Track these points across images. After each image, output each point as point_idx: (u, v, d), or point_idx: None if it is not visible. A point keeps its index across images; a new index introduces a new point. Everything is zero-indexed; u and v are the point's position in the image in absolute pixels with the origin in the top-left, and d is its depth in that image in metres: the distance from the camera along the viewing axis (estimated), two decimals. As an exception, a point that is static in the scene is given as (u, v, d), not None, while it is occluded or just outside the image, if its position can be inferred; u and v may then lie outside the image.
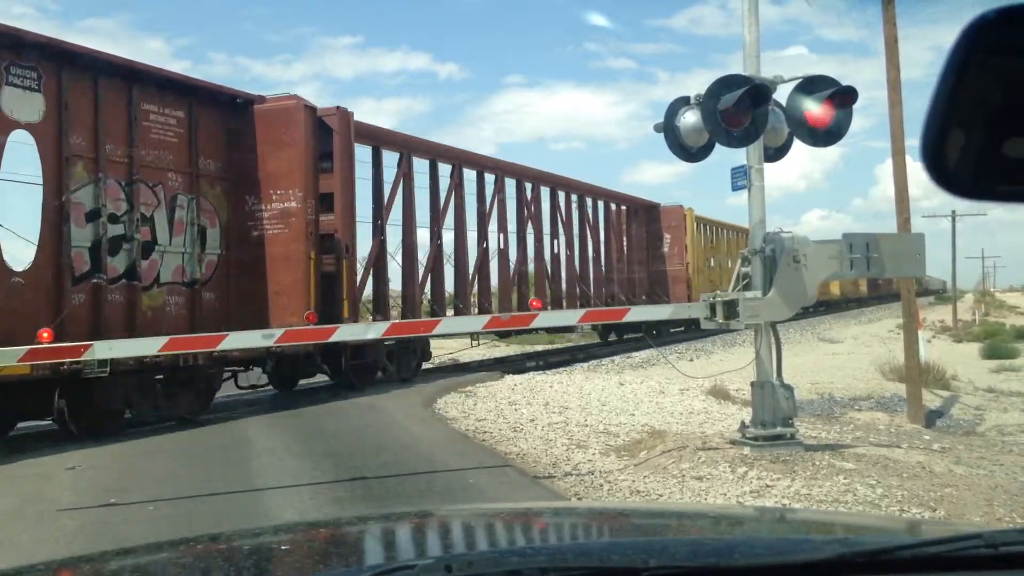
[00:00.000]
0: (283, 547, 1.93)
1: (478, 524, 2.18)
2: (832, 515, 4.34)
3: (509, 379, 15.23)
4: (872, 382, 13.55)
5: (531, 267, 21.03)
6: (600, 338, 26.48)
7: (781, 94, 7.36)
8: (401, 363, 15.17)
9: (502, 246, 19.24)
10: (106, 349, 7.46)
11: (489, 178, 18.90)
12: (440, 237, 17.03)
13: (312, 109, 12.70)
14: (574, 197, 23.11)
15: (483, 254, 18.58)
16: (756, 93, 6.83)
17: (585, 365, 18.92)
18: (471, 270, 17.88)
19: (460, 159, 17.86)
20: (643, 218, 27.00)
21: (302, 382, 14.68)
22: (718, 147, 7.35)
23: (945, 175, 1.14)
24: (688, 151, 7.55)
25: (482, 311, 17.93)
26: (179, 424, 10.76)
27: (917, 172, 11.64)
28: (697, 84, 7.26)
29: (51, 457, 8.78)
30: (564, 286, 21.91)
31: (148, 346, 8.69)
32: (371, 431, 10.09)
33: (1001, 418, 11.23)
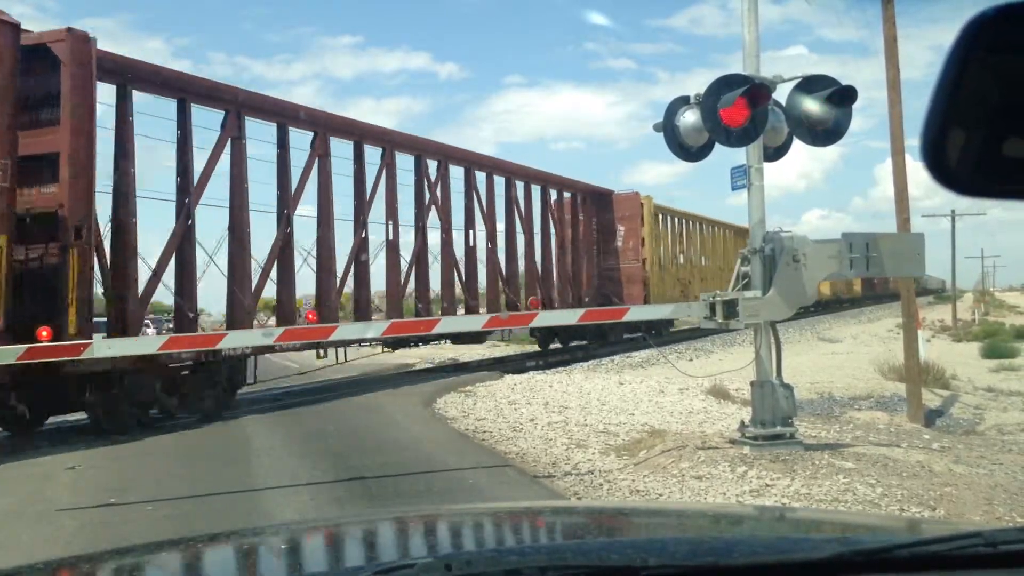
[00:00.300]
0: (282, 547, 1.93)
1: (478, 523, 2.18)
2: (831, 514, 4.34)
3: (509, 379, 15.24)
4: (872, 381, 13.55)
5: (460, 262, 17.96)
6: (540, 346, 22.69)
7: (781, 94, 7.37)
8: (200, 395, 11.41)
9: (391, 237, 15.88)
10: (105, 348, 7.46)
11: (373, 153, 15.44)
12: (330, 227, 14.19)
13: (14, 27, 9.04)
14: (499, 179, 19.42)
15: (360, 244, 15.25)
16: (755, 93, 6.83)
17: (585, 365, 18.92)
18: (339, 269, 14.70)
19: (324, 126, 14.25)
20: (592, 208, 23.62)
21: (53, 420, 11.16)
22: (718, 147, 7.35)
23: (945, 173, 1.14)
24: (688, 151, 7.55)
25: (362, 318, 14.87)
26: (177, 427, 10.76)
27: (917, 172, 11.66)
28: (697, 84, 7.27)
29: (51, 457, 8.79)
30: (483, 285, 18.98)
31: (147, 345, 8.70)
32: (371, 431, 10.09)
33: (1001, 417, 11.23)
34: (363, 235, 15.21)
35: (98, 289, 10.55)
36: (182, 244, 11.61)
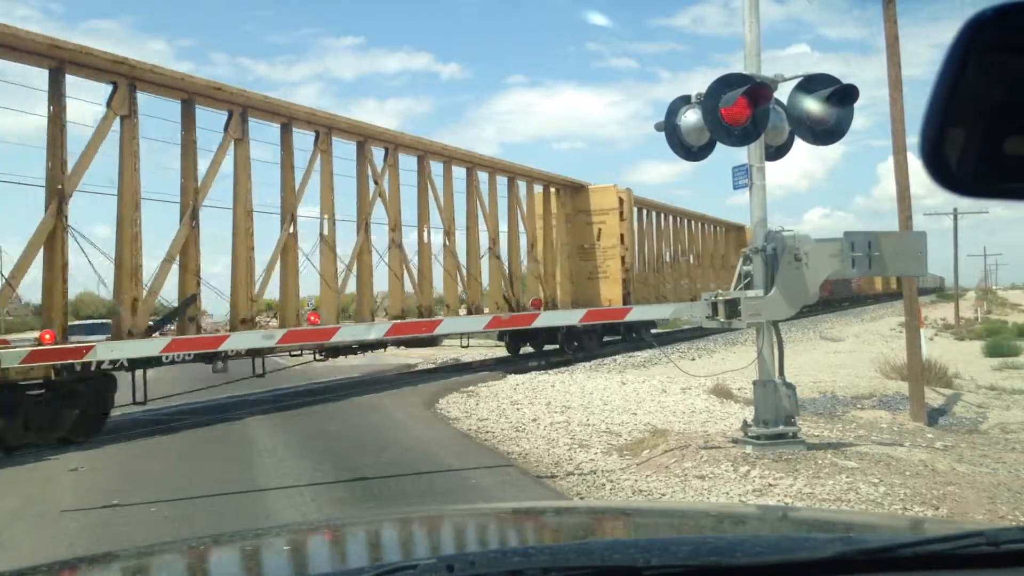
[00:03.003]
0: (284, 547, 1.93)
1: (480, 524, 2.18)
2: (834, 513, 4.34)
3: (511, 379, 15.24)
4: (874, 380, 13.53)
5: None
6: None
7: (782, 93, 7.36)
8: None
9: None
10: (107, 351, 7.47)
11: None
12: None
13: None
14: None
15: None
16: (757, 92, 6.83)
17: (587, 365, 18.91)
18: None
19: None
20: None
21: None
22: (719, 146, 7.35)
23: (945, 173, 1.13)
24: (689, 150, 7.54)
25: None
26: (180, 427, 10.77)
27: (919, 170, 11.60)
28: (699, 83, 7.24)
29: (54, 459, 8.80)
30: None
31: (150, 347, 8.71)
32: (372, 431, 10.09)
33: (1004, 416, 11.22)
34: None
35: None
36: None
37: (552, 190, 21.60)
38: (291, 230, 13.36)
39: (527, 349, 21.39)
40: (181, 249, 11.49)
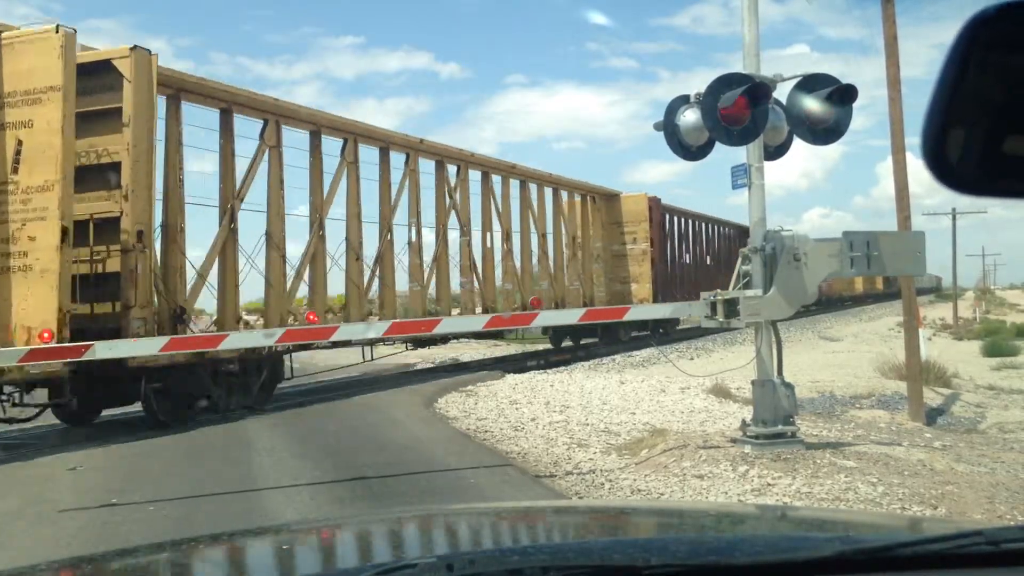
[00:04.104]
0: (283, 547, 1.93)
1: (479, 523, 2.18)
2: (833, 513, 4.34)
3: (510, 378, 15.23)
4: (873, 380, 13.53)
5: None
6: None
7: (781, 92, 7.37)
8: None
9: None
10: (106, 349, 7.46)
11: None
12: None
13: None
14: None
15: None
16: (756, 91, 6.83)
17: (586, 364, 18.92)
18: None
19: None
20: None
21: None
22: (718, 146, 7.35)
23: (946, 171, 1.13)
24: (688, 149, 7.55)
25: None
26: (181, 424, 10.77)
27: (918, 170, 11.64)
28: (699, 83, 7.24)
29: (52, 458, 8.79)
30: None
31: (149, 346, 8.70)
32: (372, 431, 10.09)
33: (1002, 415, 11.22)
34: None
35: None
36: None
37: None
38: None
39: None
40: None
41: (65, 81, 9.24)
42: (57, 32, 9.30)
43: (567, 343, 23.45)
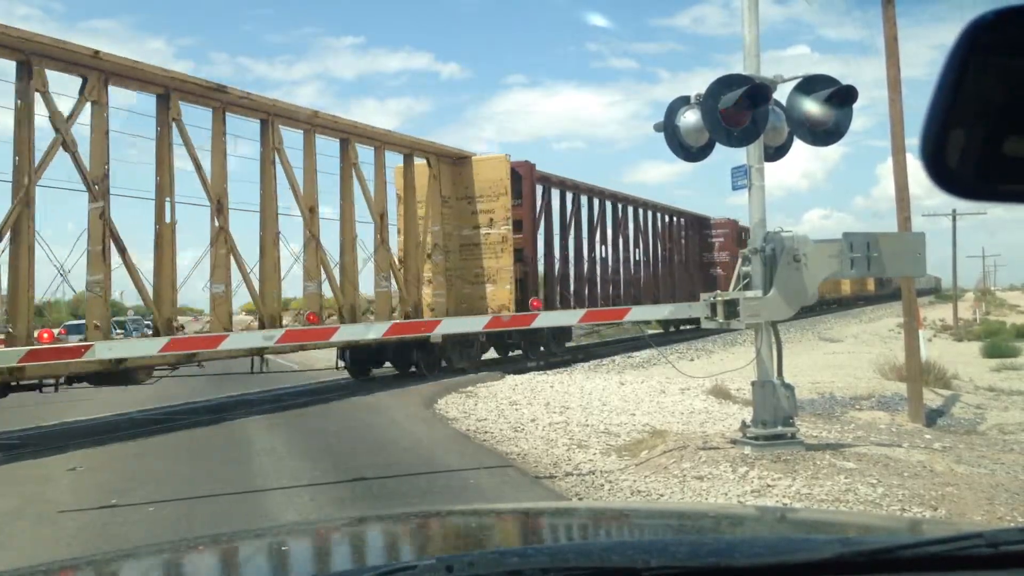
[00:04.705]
0: (283, 548, 1.93)
1: (479, 524, 2.18)
2: (833, 514, 4.34)
3: (510, 379, 15.24)
4: (873, 381, 13.54)
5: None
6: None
7: (781, 94, 7.36)
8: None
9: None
10: (106, 349, 7.47)
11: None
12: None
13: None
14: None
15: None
16: (756, 92, 6.83)
17: (586, 365, 18.92)
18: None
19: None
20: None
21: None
22: (719, 146, 7.35)
23: (945, 175, 1.13)
24: (688, 150, 7.54)
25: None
26: (179, 427, 10.77)
27: (918, 171, 11.63)
28: (699, 83, 7.26)
29: (52, 458, 8.79)
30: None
31: (148, 346, 8.71)
32: (371, 431, 10.09)
33: (1002, 417, 11.22)
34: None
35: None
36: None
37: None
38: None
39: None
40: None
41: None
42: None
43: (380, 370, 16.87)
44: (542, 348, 19.72)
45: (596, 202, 22.74)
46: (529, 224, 18.73)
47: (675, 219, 29.33)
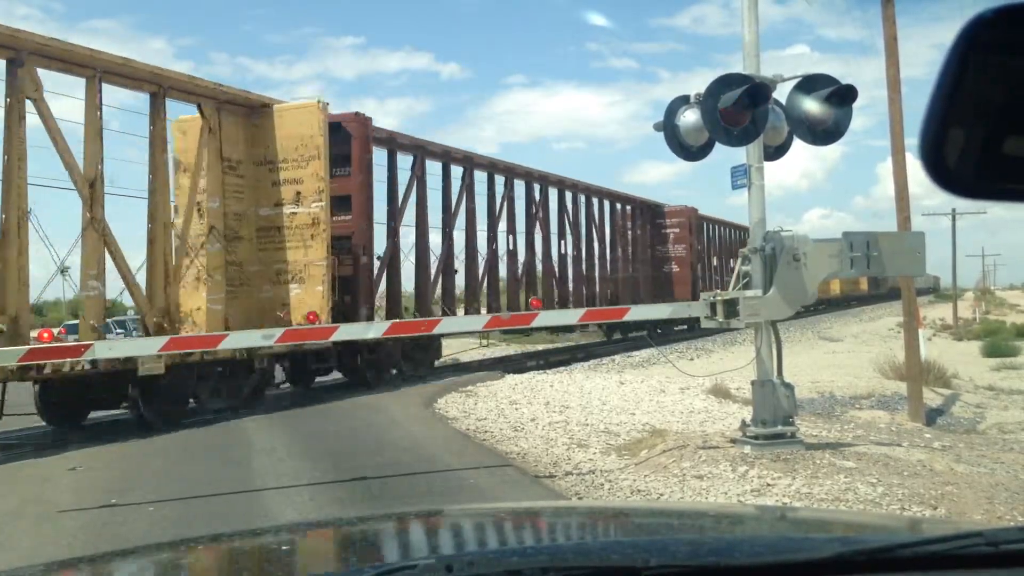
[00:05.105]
0: (283, 547, 1.93)
1: (479, 523, 2.18)
2: (833, 513, 4.34)
3: (510, 378, 15.23)
4: (872, 380, 13.54)
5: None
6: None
7: (781, 93, 7.36)
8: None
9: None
10: (105, 349, 7.46)
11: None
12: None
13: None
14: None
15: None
16: (755, 92, 6.83)
17: (585, 364, 18.92)
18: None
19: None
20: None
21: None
22: (718, 146, 7.35)
23: (944, 174, 1.13)
24: (688, 150, 7.55)
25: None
26: (178, 425, 10.77)
27: (917, 170, 11.62)
28: (699, 83, 7.24)
29: (52, 458, 8.79)
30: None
31: (147, 346, 8.70)
32: (371, 431, 10.09)
33: (1002, 416, 11.22)
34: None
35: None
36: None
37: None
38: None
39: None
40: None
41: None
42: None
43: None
44: (394, 371, 15.02)
45: (485, 178, 17.67)
46: (362, 202, 14.05)
47: (618, 206, 25.24)
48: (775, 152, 7.71)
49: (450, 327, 13.38)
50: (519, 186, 19.51)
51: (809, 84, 7.21)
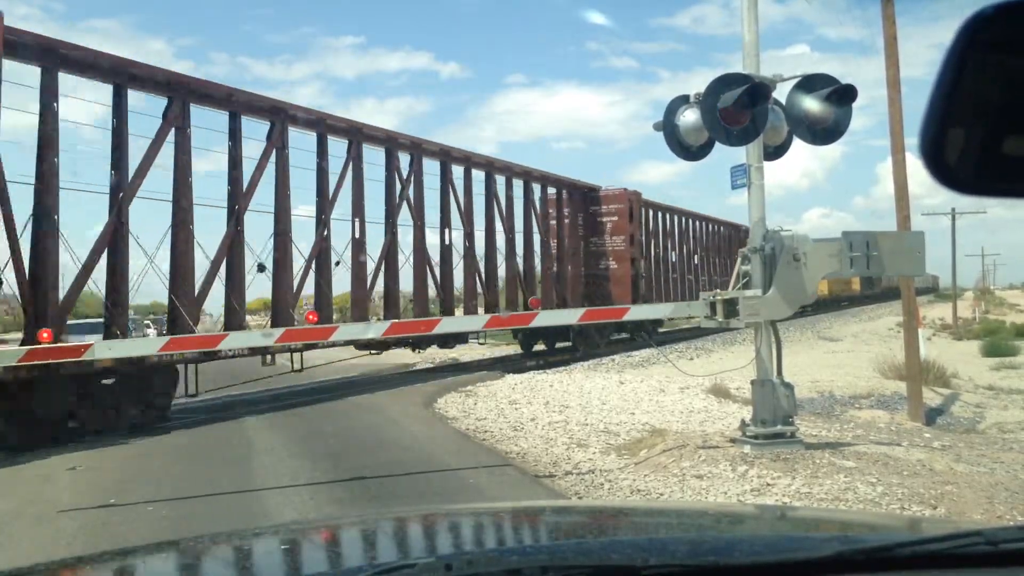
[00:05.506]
0: (283, 547, 1.93)
1: (478, 523, 2.18)
2: (832, 513, 4.34)
3: (509, 378, 15.24)
4: (872, 380, 13.54)
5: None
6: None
7: (781, 93, 7.36)
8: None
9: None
10: (105, 349, 7.46)
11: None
12: None
13: None
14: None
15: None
16: (755, 92, 6.83)
17: (585, 364, 18.92)
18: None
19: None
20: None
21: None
22: (718, 146, 7.35)
23: (945, 171, 1.13)
24: (688, 150, 7.55)
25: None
26: (177, 426, 10.77)
27: (917, 170, 11.65)
28: (699, 83, 7.25)
29: (52, 458, 8.79)
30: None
31: (147, 346, 8.70)
32: (371, 431, 10.09)
33: (1001, 416, 11.23)
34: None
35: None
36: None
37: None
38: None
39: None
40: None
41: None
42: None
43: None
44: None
45: (362, 150, 15.04)
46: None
47: (536, 187, 20.64)
48: (775, 152, 7.71)
49: (449, 327, 13.38)
50: (410, 159, 16.27)
51: (809, 84, 7.22)
